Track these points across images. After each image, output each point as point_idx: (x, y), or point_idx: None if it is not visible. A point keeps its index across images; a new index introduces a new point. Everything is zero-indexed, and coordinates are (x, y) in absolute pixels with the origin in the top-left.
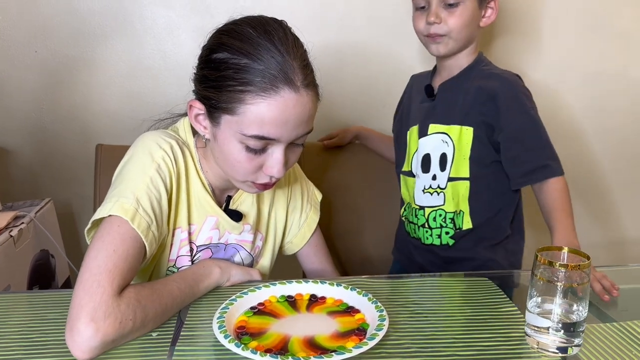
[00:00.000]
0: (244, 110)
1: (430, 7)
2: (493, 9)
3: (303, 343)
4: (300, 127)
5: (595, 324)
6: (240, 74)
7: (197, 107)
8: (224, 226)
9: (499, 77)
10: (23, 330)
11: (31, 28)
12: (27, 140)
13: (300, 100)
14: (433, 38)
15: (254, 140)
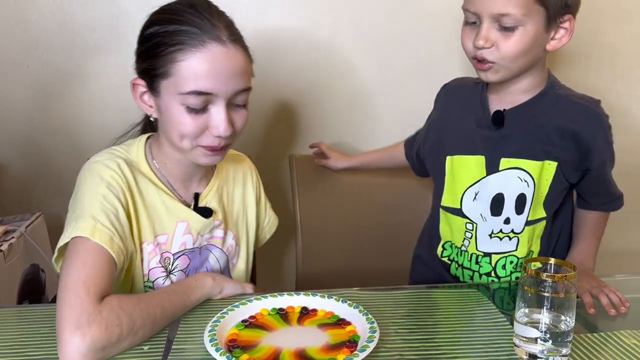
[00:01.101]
0: (177, 69)
1: (481, 25)
2: (567, 30)
3: (294, 356)
4: (234, 80)
5: (582, 334)
6: (169, 38)
7: (139, 84)
8: (196, 229)
9: (583, 110)
10: (15, 344)
11: (23, 42)
12: (19, 154)
13: (228, 53)
14: (480, 63)
15: (192, 97)
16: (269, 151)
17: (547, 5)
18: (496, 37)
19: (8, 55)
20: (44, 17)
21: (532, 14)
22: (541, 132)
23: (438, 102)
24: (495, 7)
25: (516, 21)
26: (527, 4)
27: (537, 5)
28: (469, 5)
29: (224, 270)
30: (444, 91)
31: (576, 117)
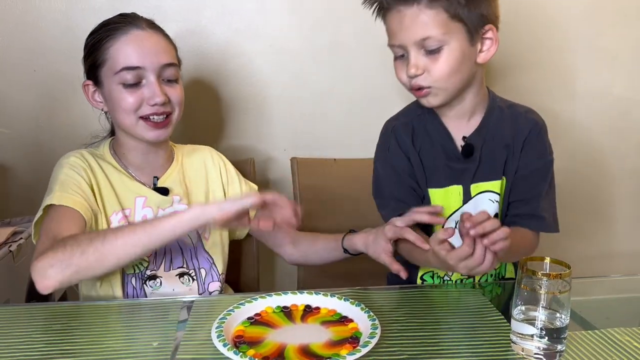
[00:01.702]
0: (109, 54)
1: (408, 55)
2: (492, 40)
3: (298, 351)
4: (159, 55)
5: (577, 331)
6: (101, 35)
7: (88, 84)
8: (154, 203)
9: (523, 119)
10: (27, 340)
11: (30, 47)
12: (25, 157)
13: (147, 34)
14: (418, 91)
15: (125, 72)
16: (271, 154)
17: (464, 20)
18: (425, 62)
19: (15, 59)
20: (50, 24)
21: (452, 31)
22: (497, 151)
23: (393, 150)
24: (416, 34)
25: (439, 42)
26: (444, 22)
27: (454, 23)
28: (393, 41)
29: (197, 244)
30: (394, 136)
31: (519, 128)
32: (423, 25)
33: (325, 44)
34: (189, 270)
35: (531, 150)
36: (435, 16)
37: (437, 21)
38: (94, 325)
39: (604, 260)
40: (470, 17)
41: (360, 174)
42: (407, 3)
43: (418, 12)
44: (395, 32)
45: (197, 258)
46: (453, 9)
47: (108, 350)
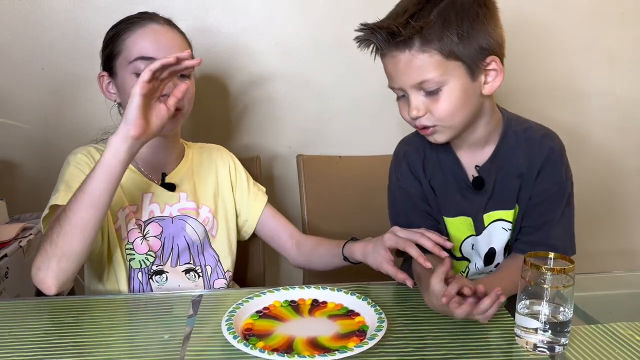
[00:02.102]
0: (125, 44)
1: (408, 97)
2: (497, 71)
3: (307, 343)
4: (173, 50)
5: (580, 326)
6: (119, 28)
7: (103, 76)
8: (161, 199)
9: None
10: (39, 333)
11: (38, 46)
12: (33, 155)
13: (164, 30)
14: (424, 130)
15: (139, 62)
16: (277, 151)
17: (461, 58)
18: (426, 103)
19: (23, 58)
20: (58, 22)
21: (450, 71)
22: (510, 181)
23: (405, 175)
24: (412, 79)
25: (437, 83)
26: (440, 64)
27: (450, 62)
28: (392, 83)
29: (203, 240)
30: (405, 161)
31: (533, 156)
32: (418, 69)
33: (330, 42)
34: (195, 266)
35: (546, 178)
36: (430, 59)
37: (432, 64)
38: (105, 318)
39: (608, 257)
40: (468, 53)
41: (365, 171)
42: (400, 48)
43: (411, 57)
44: (393, 75)
45: (203, 254)
46: (447, 48)
47: (119, 343)
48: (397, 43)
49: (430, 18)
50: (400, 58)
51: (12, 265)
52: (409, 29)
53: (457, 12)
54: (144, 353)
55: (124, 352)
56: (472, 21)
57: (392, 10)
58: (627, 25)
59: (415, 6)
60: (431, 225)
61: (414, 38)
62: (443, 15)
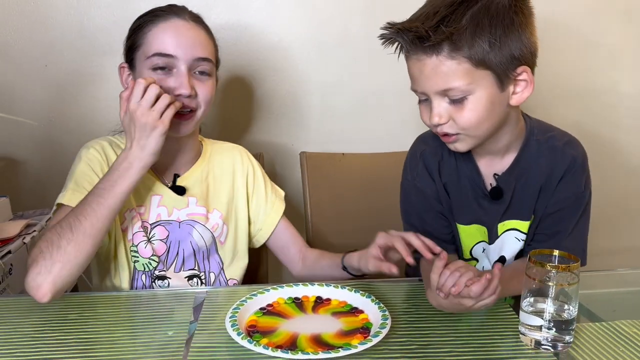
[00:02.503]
0: (145, 38)
1: (431, 102)
2: (527, 82)
3: (310, 340)
4: (195, 48)
5: (585, 323)
6: (144, 20)
7: (124, 67)
8: (169, 202)
9: (561, 156)
10: (44, 329)
11: (42, 43)
12: (36, 152)
13: (188, 26)
14: (445, 137)
15: (157, 57)
16: (280, 148)
17: (491, 67)
18: (449, 110)
19: (27, 55)
20: (61, 19)
21: (478, 79)
22: (529, 192)
23: (421, 174)
24: (437, 85)
25: (463, 92)
26: (468, 72)
27: (479, 70)
28: (415, 86)
29: (210, 246)
30: (422, 161)
31: (555, 167)
32: (444, 76)
33: (333, 39)
34: (199, 272)
35: (565, 188)
36: (458, 66)
37: (460, 71)
38: (109, 315)
39: (612, 255)
40: (498, 62)
41: (369, 169)
42: (427, 52)
43: (438, 63)
44: (417, 78)
45: (209, 260)
46: (477, 56)
47: (123, 339)
48: (424, 47)
49: (462, 23)
50: (427, 62)
51: (16, 262)
52: (439, 34)
53: (491, 18)
54: (148, 349)
55: (128, 348)
56: (506, 28)
57: (423, 9)
58: (631, 22)
59: (447, 8)
60: (445, 225)
61: (443, 43)
62: (476, 21)
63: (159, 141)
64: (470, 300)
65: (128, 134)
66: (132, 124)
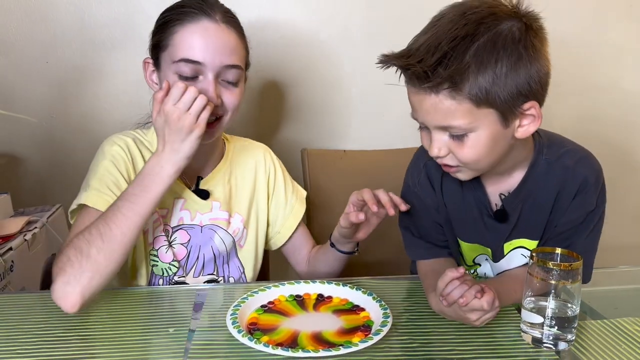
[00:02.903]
0: (173, 39)
1: (431, 134)
2: (535, 117)
3: (311, 338)
4: (223, 55)
5: (587, 321)
6: (171, 16)
7: (149, 63)
8: (192, 206)
9: (570, 174)
10: (44, 326)
11: (43, 40)
12: (37, 149)
13: (219, 30)
14: (446, 167)
15: (183, 64)
16: (281, 145)
17: (494, 105)
18: (449, 144)
19: (28, 51)
20: (62, 15)
21: (480, 118)
22: (537, 214)
23: (424, 185)
24: (437, 121)
25: (464, 130)
26: (469, 112)
27: (482, 109)
28: (415, 115)
29: (230, 250)
30: (425, 171)
31: (566, 187)
32: (444, 114)
33: (335, 36)
34: (218, 277)
35: (575, 209)
36: (458, 106)
37: (460, 111)
38: (110, 311)
39: (613, 252)
40: (503, 99)
41: (370, 166)
42: (425, 91)
43: (438, 102)
44: (416, 110)
45: (228, 265)
46: (480, 95)
47: (124, 336)
48: (419, 83)
49: (465, 60)
50: (426, 99)
51: (17, 259)
52: (438, 76)
53: (497, 53)
54: (149, 346)
55: (129, 345)
56: (514, 64)
57: (423, 38)
58: (634, 18)
59: (449, 42)
60: (441, 233)
61: (442, 84)
62: (480, 58)
63: (194, 145)
64: (475, 313)
65: (160, 137)
66: (166, 127)
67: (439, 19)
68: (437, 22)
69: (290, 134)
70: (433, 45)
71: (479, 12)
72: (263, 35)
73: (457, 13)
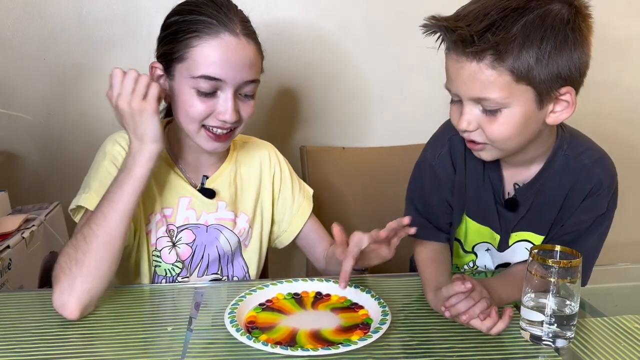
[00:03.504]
0: (191, 54)
1: (463, 106)
2: (569, 103)
3: (309, 336)
4: (244, 70)
5: (586, 319)
6: (188, 26)
7: (157, 67)
8: (198, 206)
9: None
10: (43, 325)
11: (40, 36)
12: (35, 146)
13: (240, 44)
14: (471, 143)
15: (203, 80)
16: (280, 142)
17: (533, 83)
18: (480, 119)
19: (25, 48)
20: (60, 11)
21: (516, 94)
22: (548, 208)
23: (444, 159)
24: (473, 92)
25: (498, 104)
26: (508, 85)
27: (520, 85)
28: (450, 86)
29: (235, 250)
30: (449, 145)
31: (579, 186)
32: (482, 84)
33: (333, 32)
34: (222, 277)
35: (585, 210)
36: (498, 77)
37: (499, 83)
38: (108, 310)
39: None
40: (542, 79)
41: (369, 163)
42: (468, 57)
43: (478, 70)
44: (453, 79)
45: (232, 264)
46: (521, 70)
47: (123, 335)
48: (466, 51)
49: (512, 32)
50: (466, 66)
51: (15, 257)
52: (484, 41)
53: (544, 30)
54: (147, 345)
55: (127, 343)
56: (559, 45)
57: (471, 7)
58: (634, 15)
59: (499, 12)
60: (447, 214)
61: (487, 51)
62: (527, 32)
63: (152, 124)
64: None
65: (127, 132)
66: (123, 119)
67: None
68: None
69: (289, 131)
70: (482, 13)
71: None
72: (261, 32)
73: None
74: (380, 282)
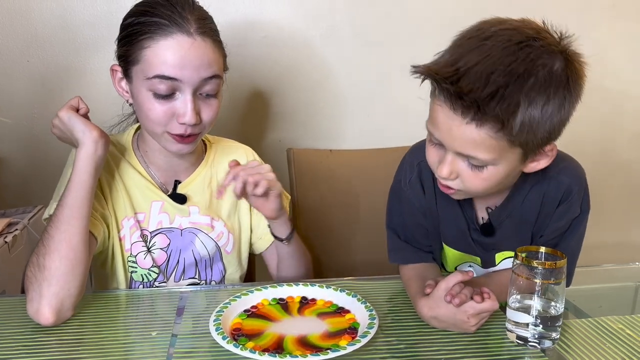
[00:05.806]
0: (145, 55)
1: (445, 153)
2: (549, 157)
3: (296, 342)
4: (200, 69)
5: (571, 320)
6: (141, 27)
7: (117, 70)
8: (171, 210)
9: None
10: (25, 331)
11: (24, 38)
12: (19, 148)
13: (194, 44)
14: (444, 187)
15: (158, 81)
16: (267, 145)
17: (524, 145)
18: (463, 171)
19: (8, 50)
20: (44, 13)
21: (506, 155)
22: (524, 225)
23: (414, 185)
24: (462, 149)
25: (485, 162)
26: (499, 148)
27: (512, 148)
28: (434, 131)
29: (214, 254)
30: (417, 171)
31: (549, 197)
32: (474, 145)
33: (319, 35)
34: (200, 281)
35: (561, 217)
36: (494, 142)
37: (492, 146)
38: (92, 315)
39: (597, 251)
40: (535, 142)
41: (356, 165)
42: (465, 118)
43: (475, 134)
44: (441, 129)
45: (211, 269)
46: (520, 139)
47: (107, 340)
48: (462, 111)
49: (517, 100)
50: (462, 127)
51: None
52: (489, 111)
53: (547, 96)
54: (131, 350)
55: (111, 349)
56: (557, 108)
57: (471, 62)
58: (618, 17)
59: (505, 76)
60: (425, 237)
61: (489, 121)
62: (531, 98)
63: (79, 128)
64: (477, 317)
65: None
66: (62, 135)
67: (487, 37)
68: (486, 42)
69: (275, 133)
70: (485, 73)
71: (533, 45)
72: (248, 35)
73: (509, 40)
74: (366, 285)
